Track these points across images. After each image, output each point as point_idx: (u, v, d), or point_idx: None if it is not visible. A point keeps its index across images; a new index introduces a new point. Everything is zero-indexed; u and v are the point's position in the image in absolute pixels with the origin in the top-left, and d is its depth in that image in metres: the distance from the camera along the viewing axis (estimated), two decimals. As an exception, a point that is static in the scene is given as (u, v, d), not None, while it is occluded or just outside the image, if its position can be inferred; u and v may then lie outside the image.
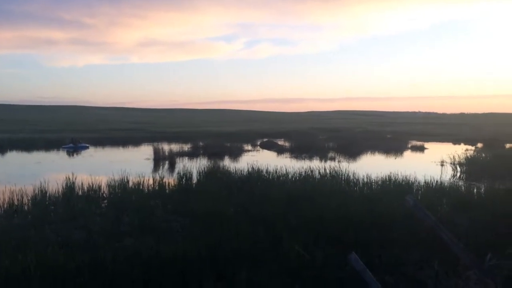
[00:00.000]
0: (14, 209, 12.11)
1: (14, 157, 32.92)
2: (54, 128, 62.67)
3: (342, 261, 6.78)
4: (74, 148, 36.68)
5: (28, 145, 38.44)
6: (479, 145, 39.78)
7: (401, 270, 6.73)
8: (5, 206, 12.20)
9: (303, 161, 27.70)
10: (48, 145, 39.29)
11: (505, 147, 35.72)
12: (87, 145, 38.85)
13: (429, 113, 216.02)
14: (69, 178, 14.62)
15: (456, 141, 46.67)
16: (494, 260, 6.10)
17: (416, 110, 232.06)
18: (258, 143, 43.38)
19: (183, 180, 16.53)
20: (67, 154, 34.47)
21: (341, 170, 16.95)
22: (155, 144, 34.79)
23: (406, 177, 15.14)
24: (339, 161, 26.61)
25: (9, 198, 12.54)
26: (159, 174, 17.44)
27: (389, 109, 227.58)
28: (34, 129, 60.83)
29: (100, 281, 6.23)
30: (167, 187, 15.15)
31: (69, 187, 14.21)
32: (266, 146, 40.76)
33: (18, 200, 12.65)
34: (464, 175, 21.55)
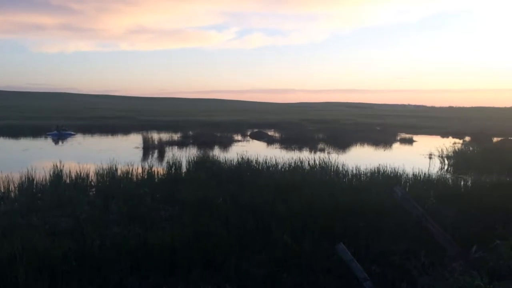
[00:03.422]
0: (0, 196, 11.98)
1: (0, 143, 32.47)
2: (42, 115, 61.89)
3: (330, 251, 6.83)
4: (58, 136, 36.20)
5: (15, 132, 37.97)
6: (467, 138, 40.16)
7: (388, 260, 6.79)
8: (-9, 193, 12.06)
9: (292, 152, 27.74)
10: (36, 132, 38.81)
11: (492, 140, 36.06)
12: (73, 132, 38.38)
13: (418, 106, 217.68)
14: (57, 166, 14.46)
15: (444, 134, 47.05)
16: (480, 252, 6.18)
17: (406, 103, 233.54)
18: (248, 133, 43.27)
19: (172, 169, 16.44)
20: (54, 141, 34.09)
21: (331, 161, 17.00)
22: (144, 132, 34.59)
23: (394, 169, 15.23)
24: (328, 153, 26.70)
25: (-5, 185, 12.39)
26: (148, 162, 17.37)
27: (378, 102, 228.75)
28: (21, 115, 60.02)
29: (87, 268, 6.20)
30: (156, 176, 15.08)
31: (57, 175, 14.06)
32: (256, 136, 40.71)
33: (4, 187, 12.50)
34: (451, 167, 21.76)
